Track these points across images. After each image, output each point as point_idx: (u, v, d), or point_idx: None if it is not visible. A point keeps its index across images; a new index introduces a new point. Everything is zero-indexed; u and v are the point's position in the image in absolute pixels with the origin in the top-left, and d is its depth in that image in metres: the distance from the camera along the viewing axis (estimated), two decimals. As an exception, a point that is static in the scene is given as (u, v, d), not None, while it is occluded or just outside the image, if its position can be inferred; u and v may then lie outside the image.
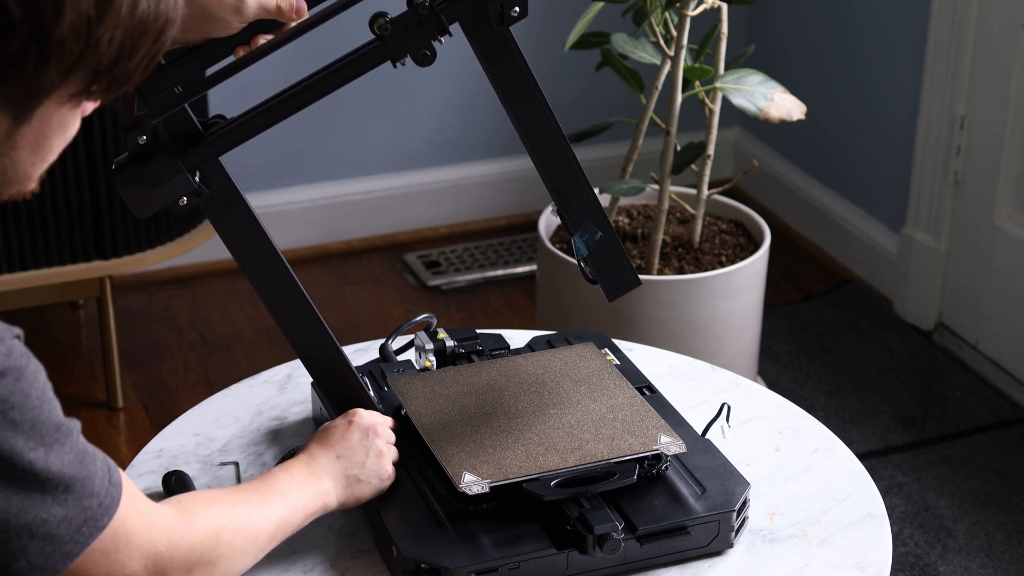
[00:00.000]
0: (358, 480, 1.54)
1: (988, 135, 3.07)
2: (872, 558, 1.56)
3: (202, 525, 1.34)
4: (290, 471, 1.50)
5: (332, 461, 1.53)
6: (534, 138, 1.60)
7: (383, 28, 1.49)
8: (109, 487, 1.23)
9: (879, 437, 2.93)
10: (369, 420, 1.58)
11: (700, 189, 2.81)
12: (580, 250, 1.63)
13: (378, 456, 1.55)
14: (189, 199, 1.49)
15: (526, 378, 1.69)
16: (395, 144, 3.59)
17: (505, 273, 3.53)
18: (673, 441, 1.57)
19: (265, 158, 3.48)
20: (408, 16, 1.49)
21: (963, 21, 3.06)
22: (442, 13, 1.49)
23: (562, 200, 1.62)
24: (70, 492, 1.19)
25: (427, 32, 1.50)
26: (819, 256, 3.63)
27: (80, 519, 1.20)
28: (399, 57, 1.52)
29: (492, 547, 1.48)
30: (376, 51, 1.50)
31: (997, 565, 2.61)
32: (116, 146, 2.80)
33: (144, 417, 3.03)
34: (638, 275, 1.66)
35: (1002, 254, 3.09)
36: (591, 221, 1.62)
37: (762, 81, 2.66)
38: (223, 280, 3.50)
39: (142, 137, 1.46)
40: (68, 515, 1.19)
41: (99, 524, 1.22)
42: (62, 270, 2.87)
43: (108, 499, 1.22)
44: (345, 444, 1.55)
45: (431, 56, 1.52)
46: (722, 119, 2.94)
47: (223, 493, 1.41)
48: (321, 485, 1.51)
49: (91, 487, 1.21)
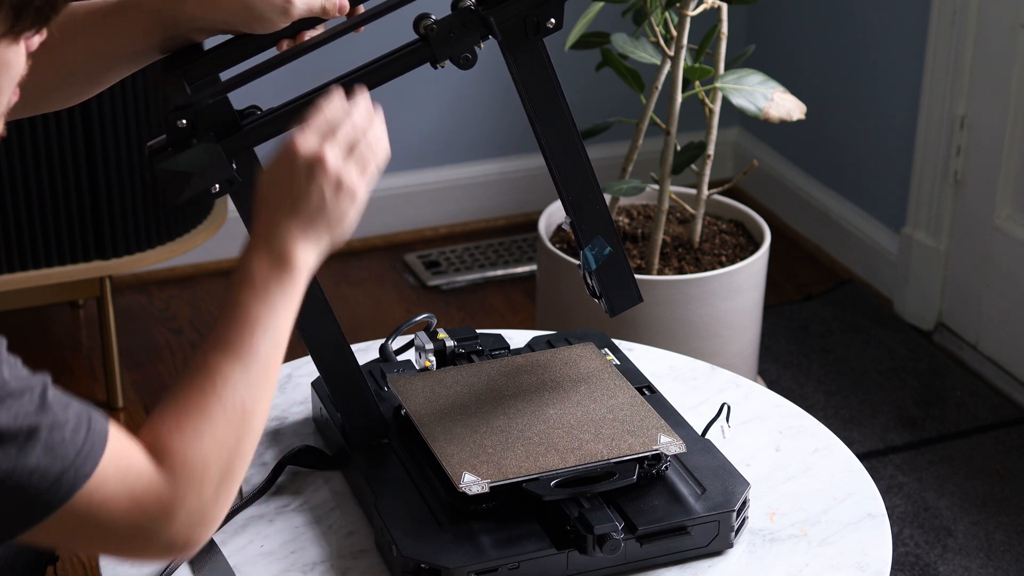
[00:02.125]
0: (329, 226, 1.36)
1: (988, 135, 3.07)
2: (872, 558, 1.56)
3: (189, 465, 1.23)
4: (258, 290, 1.30)
5: (293, 227, 1.33)
6: (556, 149, 1.62)
7: (428, 29, 1.51)
8: (89, 435, 1.18)
9: (879, 437, 2.93)
10: (308, 148, 1.35)
11: (700, 189, 2.81)
12: (588, 263, 1.65)
13: (336, 189, 1.35)
14: (222, 187, 1.48)
15: (526, 378, 1.69)
16: (395, 144, 3.57)
17: (505, 273, 3.53)
18: (673, 441, 1.57)
19: (265, 158, 3.48)
20: (453, 19, 1.51)
21: (963, 21, 3.06)
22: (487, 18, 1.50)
23: (576, 212, 1.64)
24: (35, 440, 1.14)
25: (470, 36, 1.52)
26: (819, 256, 3.63)
27: (56, 467, 1.16)
28: (441, 59, 1.54)
29: (492, 547, 1.48)
30: (418, 51, 1.52)
31: (997, 565, 2.61)
32: (116, 146, 2.81)
33: (144, 417, 3.03)
34: (640, 293, 1.68)
35: (1002, 254, 3.09)
36: (602, 235, 1.64)
37: (762, 81, 2.66)
38: (223, 280, 3.50)
39: (182, 121, 1.44)
40: (40, 464, 1.15)
41: (81, 472, 1.17)
42: (62, 270, 2.87)
43: (89, 446, 1.18)
44: (295, 192, 1.34)
45: (472, 60, 1.54)
46: (722, 119, 2.94)
47: (195, 403, 1.25)
48: (298, 278, 1.32)
49: (63, 435, 1.16)
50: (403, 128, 3.56)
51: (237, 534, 1.59)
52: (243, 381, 1.27)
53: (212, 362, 1.28)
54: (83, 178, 2.81)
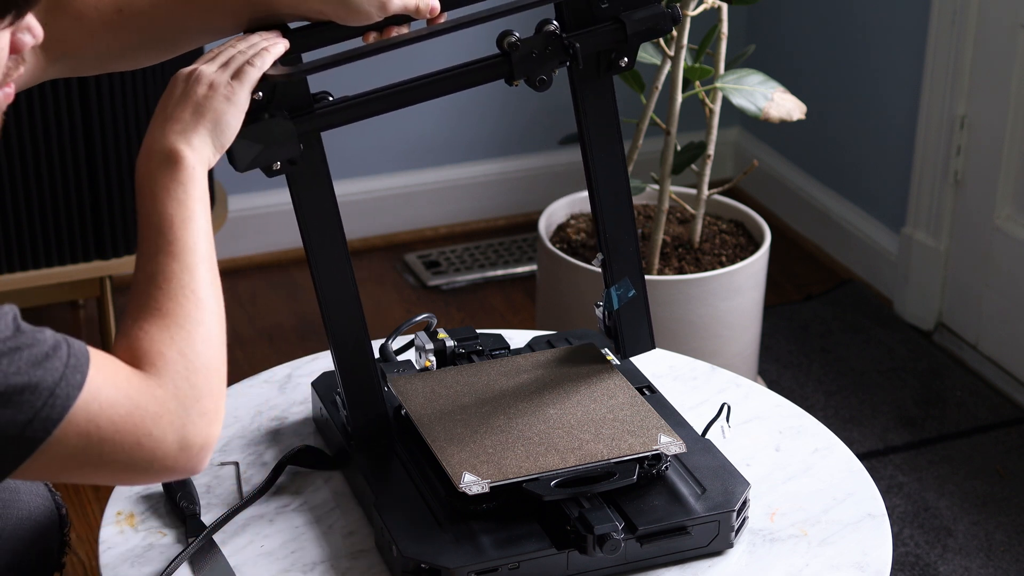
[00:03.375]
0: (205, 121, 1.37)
1: (988, 135, 3.07)
2: (872, 558, 1.56)
3: (166, 358, 1.25)
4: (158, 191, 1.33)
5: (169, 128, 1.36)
6: (604, 185, 1.66)
7: (512, 47, 1.53)
8: (71, 349, 1.19)
9: (879, 437, 2.93)
10: (186, 69, 1.41)
11: (700, 189, 2.81)
12: (611, 302, 1.69)
13: (209, 88, 1.38)
14: (283, 166, 1.49)
15: (526, 378, 1.69)
16: (395, 144, 3.59)
17: (505, 273, 3.53)
18: (673, 441, 1.57)
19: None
20: (538, 40, 1.54)
21: (963, 21, 3.06)
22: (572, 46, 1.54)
23: (610, 251, 1.67)
24: (16, 355, 1.16)
25: (552, 60, 1.55)
26: (819, 256, 3.63)
27: (46, 381, 1.17)
28: (518, 77, 1.56)
29: (492, 547, 1.48)
30: (497, 66, 1.54)
31: (997, 565, 2.61)
32: (116, 146, 2.80)
33: (144, 417, 3.03)
34: (654, 340, 1.73)
35: (1002, 254, 3.09)
36: (629, 278, 1.66)
37: (762, 81, 2.66)
38: (223, 280, 3.48)
39: (258, 93, 1.45)
40: (31, 381, 1.16)
41: (72, 381, 1.18)
42: (62, 270, 2.87)
43: (74, 360, 1.19)
44: (172, 102, 1.38)
45: (547, 83, 1.57)
46: (722, 119, 2.94)
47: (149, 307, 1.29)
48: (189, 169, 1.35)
49: (43, 349, 1.18)
50: (403, 128, 3.56)
51: (237, 534, 1.59)
52: (184, 272, 1.31)
53: (148, 268, 1.31)
54: (83, 178, 2.81)
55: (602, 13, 1.56)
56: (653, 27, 1.57)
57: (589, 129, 1.63)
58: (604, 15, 1.56)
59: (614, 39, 1.56)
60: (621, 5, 1.56)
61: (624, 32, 1.56)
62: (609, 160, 1.64)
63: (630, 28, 1.56)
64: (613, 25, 1.56)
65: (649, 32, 1.57)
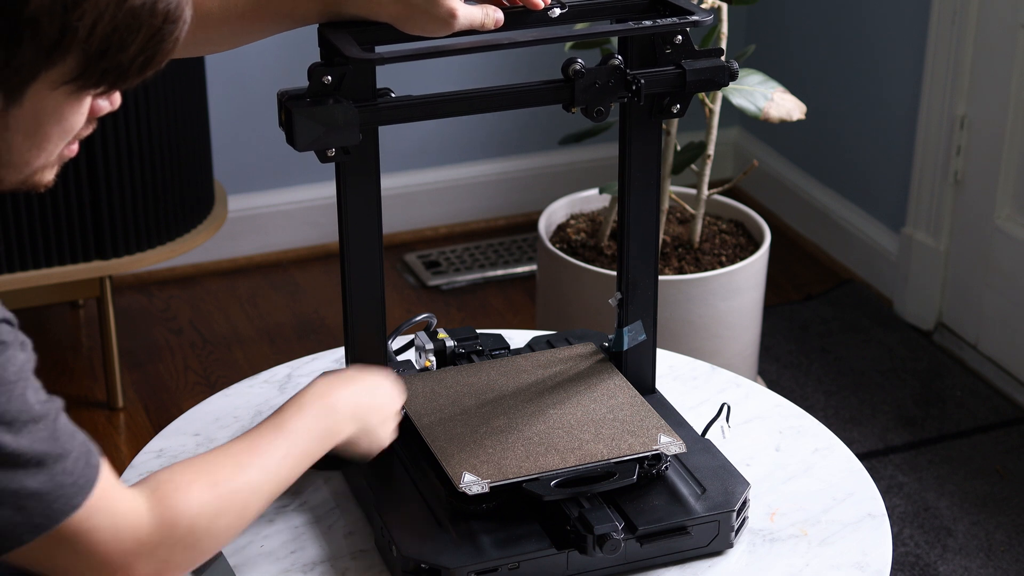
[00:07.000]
0: (367, 434, 1.50)
1: (988, 135, 3.07)
2: (872, 558, 1.56)
3: (175, 515, 1.29)
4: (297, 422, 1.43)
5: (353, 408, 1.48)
6: (635, 226, 1.70)
7: (576, 75, 1.55)
8: (85, 468, 1.22)
9: (879, 437, 2.93)
10: (391, 388, 1.54)
11: (700, 189, 2.81)
12: (621, 342, 1.72)
13: (384, 422, 1.51)
14: (338, 153, 1.51)
15: (526, 378, 1.69)
16: (395, 144, 3.59)
17: (505, 273, 3.53)
18: (673, 441, 1.57)
19: (265, 158, 3.48)
20: (602, 72, 1.56)
21: (963, 21, 3.06)
22: (636, 83, 1.56)
23: (629, 291, 1.71)
24: (43, 468, 1.19)
25: (613, 93, 1.57)
26: (819, 256, 3.63)
27: (54, 494, 1.20)
28: (578, 104, 1.58)
29: (492, 547, 1.48)
30: (558, 91, 1.56)
31: (997, 565, 2.61)
32: (116, 146, 2.81)
33: (144, 417, 3.03)
34: (655, 386, 1.75)
35: (1002, 254, 3.09)
36: (642, 321, 1.69)
37: (762, 81, 2.66)
38: (223, 280, 3.50)
39: (327, 77, 1.47)
40: (41, 489, 1.19)
41: (72, 503, 1.21)
42: (62, 270, 2.87)
43: (83, 479, 1.22)
44: (366, 392, 1.50)
45: (604, 114, 1.60)
46: (722, 119, 2.94)
47: (210, 464, 1.35)
48: (329, 441, 1.46)
49: (65, 465, 1.20)
50: (403, 128, 3.56)
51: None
52: (255, 477, 1.36)
53: (236, 449, 1.37)
54: (83, 178, 2.81)
55: (665, 58, 1.59)
56: (711, 79, 1.59)
57: (631, 171, 1.67)
58: (666, 60, 1.59)
59: (673, 84, 1.58)
60: (684, 53, 1.58)
61: (683, 79, 1.58)
62: (644, 205, 1.70)
63: (690, 76, 1.58)
64: (675, 71, 1.57)
65: (706, 83, 1.59)
